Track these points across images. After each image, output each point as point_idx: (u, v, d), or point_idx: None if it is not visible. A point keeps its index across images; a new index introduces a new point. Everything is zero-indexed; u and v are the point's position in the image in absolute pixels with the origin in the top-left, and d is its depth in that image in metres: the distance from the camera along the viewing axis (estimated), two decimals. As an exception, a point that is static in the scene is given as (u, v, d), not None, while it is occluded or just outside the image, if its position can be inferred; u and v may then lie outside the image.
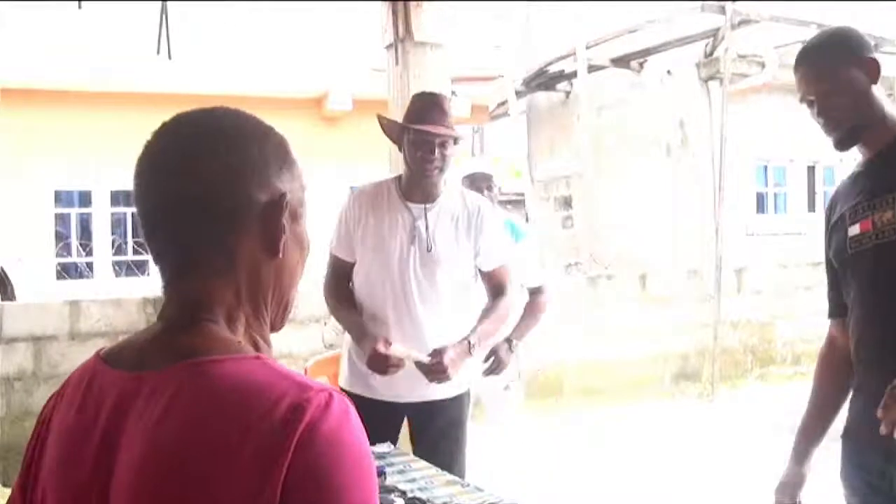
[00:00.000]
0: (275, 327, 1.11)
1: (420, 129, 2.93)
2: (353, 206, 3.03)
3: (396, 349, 2.86)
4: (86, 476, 0.98)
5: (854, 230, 2.05)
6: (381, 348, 2.82)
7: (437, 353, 2.90)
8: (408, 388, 3.00)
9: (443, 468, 2.61)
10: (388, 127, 3.10)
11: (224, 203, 1.02)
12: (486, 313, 3.10)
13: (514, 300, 3.31)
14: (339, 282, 3.10)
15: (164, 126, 1.06)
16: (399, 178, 3.11)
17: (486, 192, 3.82)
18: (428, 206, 3.03)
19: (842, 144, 2.09)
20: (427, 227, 3.01)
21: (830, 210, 2.21)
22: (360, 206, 3.03)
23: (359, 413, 0.96)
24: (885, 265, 1.99)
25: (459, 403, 3.16)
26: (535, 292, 3.95)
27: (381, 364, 2.85)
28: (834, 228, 2.15)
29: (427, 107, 3.00)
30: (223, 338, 1.00)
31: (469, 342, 2.97)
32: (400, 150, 3.07)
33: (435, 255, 3.00)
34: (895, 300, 1.98)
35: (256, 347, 1.05)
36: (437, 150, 2.93)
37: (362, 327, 2.96)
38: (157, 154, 1.04)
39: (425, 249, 3.00)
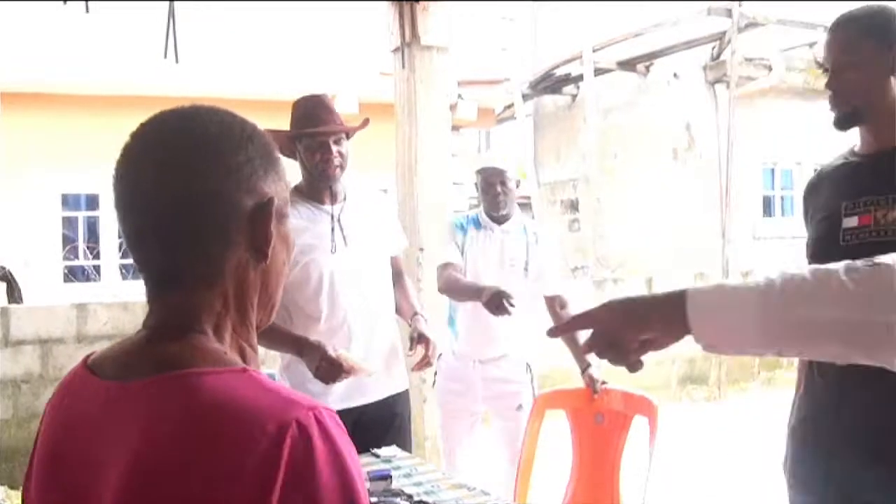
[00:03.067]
0: (259, 327, 1.09)
1: (314, 131, 2.93)
2: None
3: (345, 355, 2.80)
4: (67, 486, 0.98)
5: (851, 222, 1.97)
6: (332, 353, 2.74)
7: (422, 339, 2.98)
8: (359, 391, 2.99)
9: None
10: (276, 139, 3.05)
11: (212, 212, 0.99)
12: (405, 290, 3.25)
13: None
14: None
15: (146, 129, 1.03)
16: (297, 187, 3.04)
17: (499, 187, 3.63)
18: (340, 205, 3.05)
19: (840, 123, 2.02)
20: (344, 227, 3.02)
21: (814, 192, 2.15)
22: None
23: None
24: None
25: (406, 398, 3.21)
26: (553, 303, 3.77)
27: (333, 371, 2.73)
28: (821, 214, 2.08)
29: (313, 109, 3.00)
30: (209, 349, 0.98)
31: (420, 315, 3.11)
32: (293, 158, 3.04)
33: (357, 252, 3.02)
34: None
35: (243, 354, 1.03)
36: (333, 149, 2.95)
37: (301, 339, 2.86)
38: (141, 160, 1.01)
39: (348, 249, 3.00)
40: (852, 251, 1.88)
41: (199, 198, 0.98)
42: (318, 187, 3.02)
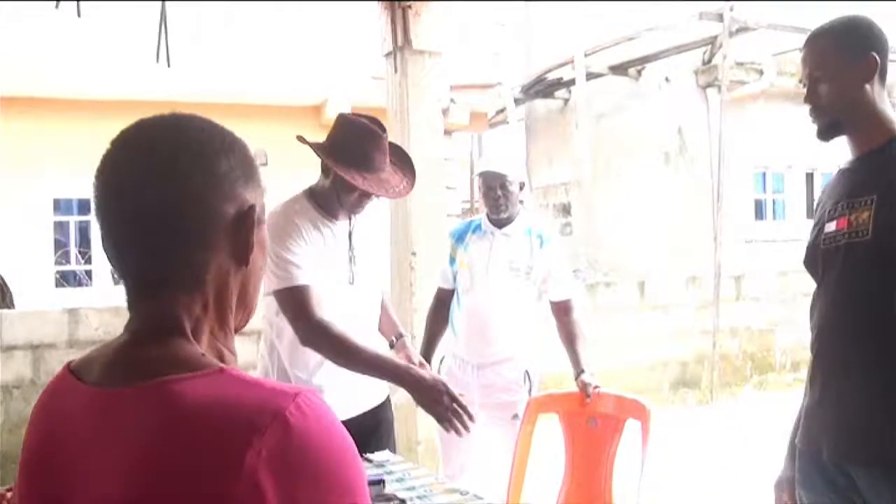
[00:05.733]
0: (237, 330, 1.10)
1: (360, 189, 2.71)
2: (297, 232, 2.78)
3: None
4: (50, 492, 0.98)
5: (830, 227, 2.06)
6: (457, 394, 2.56)
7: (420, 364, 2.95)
8: (346, 404, 2.95)
9: None
10: (321, 153, 2.81)
11: (193, 220, 1.00)
12: (386, 308, 3.16)
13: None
14: (320, 311, 2.73)
15: (126, 136, 1.04)
16: (314, 192, 2.90)
17: (499, 191, 3.56)
18: (353, 222, 2.93)
19: (822, 135, 2.10)
20: (354, 244, 2.93)
21: (817, 207, 2.23)
22: (302, 232, 2.79)
23: None
24: (853, 265, 2.00)
25: (388, 404, 3.17)
26: (560, 308, 3.72)
27: (460, 416, 2.52)
28: (815, 222, 2.17)
29: (367, 151, 2.74)
30: (188, 354, 0.99)
31: (405, 337, 3.09)
32: (326, 171, 2.83)
33: (365, 269, 2.96)
34: (862, 299, 1.99)
35: (221, 358, 1.03)
36: (371, 196, 2.81)
37: (413, 373, 2.65)
38: (121, 168, 1.02)
39: (357, 265, 2.93)
40: (828, 254, 2.06)
41: (182, 205, 0.99)
42: (336, 206, 2.87)
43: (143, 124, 1.05)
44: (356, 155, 2.73)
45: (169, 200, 0.99)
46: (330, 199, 2.86)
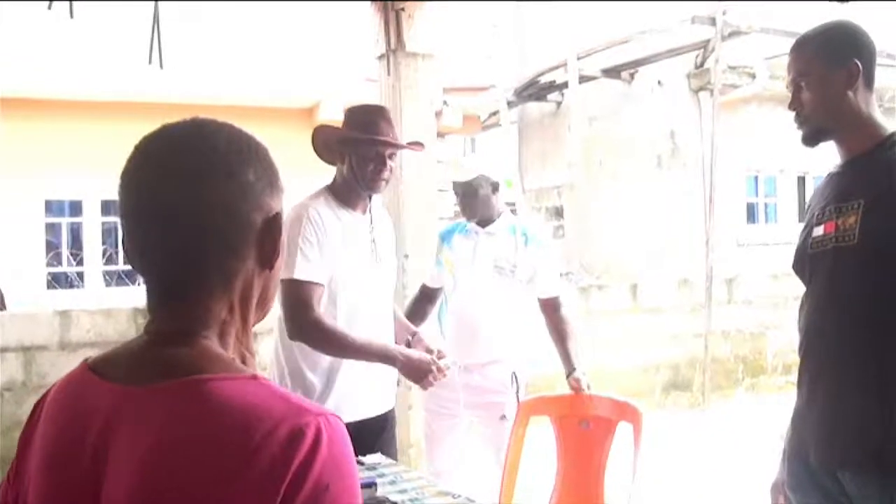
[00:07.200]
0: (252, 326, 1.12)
1: (379, 139, 2.90)
2: (314, 222, 2.86)
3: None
4: (74, 489, 0.98)
5: (818, 231, 2.07)
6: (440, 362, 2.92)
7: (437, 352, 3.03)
8: (361, 406, 2.97)
9: None
10: (328, 139, 2.99)
11: (223, 229, 1.02)
12: (396, 316, 3.27)
13: None
14: (319, 309, 2.84)
15: (150, 140, 1.05)
16: (333, 189, 3.02)
17: (465, 198, 3.62)
18: (371, 215, 3.04)
19: (806, 141, 2.11)
20: (375, 237, 3.02)
21: (807, 211, 2.24)
22: (321, 222, 2.88)
23: None
24: (839, 269, 2.01)
25: (393, 415, 3.22)
26: (548, 305, 3.72)
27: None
28: (803, 226, 2.18)
29: (376, 119, 2.96)
30: (218, 355, 1.00)
31: (419, 334, 3.17)
32: (336, 163, 3.01)
33: (384, 263, 3.06)
34: (849, 304, 1.99)
35: (243, 360, 1.05)
36: (388, 163, 2.93)
37: (396, 350, 2.95)
38: (151, 173, 1.03)
39: (378, 259, 3.01)
40: (816, 259, 2.08)
41: (211, 215, 1.01)
42: (358, 195, 2.99)
43: (169, 131, 1.06)
44: (364, 123, 2.93)
45: (192, 204, 1.00)
46: (348, 191, 2.99)
